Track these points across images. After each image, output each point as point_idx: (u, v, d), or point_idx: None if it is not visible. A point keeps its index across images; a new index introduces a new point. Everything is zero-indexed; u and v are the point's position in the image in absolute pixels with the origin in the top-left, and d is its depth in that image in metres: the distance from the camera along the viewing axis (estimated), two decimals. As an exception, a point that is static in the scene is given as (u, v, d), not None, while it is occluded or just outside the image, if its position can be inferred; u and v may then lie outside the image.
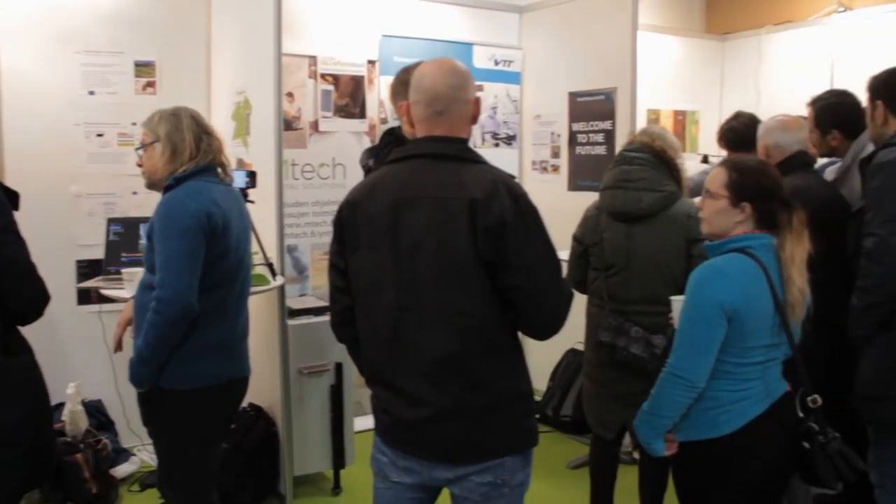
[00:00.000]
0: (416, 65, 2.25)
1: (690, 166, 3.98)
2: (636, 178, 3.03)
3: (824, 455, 2.26)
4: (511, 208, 1.92)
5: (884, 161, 2.70)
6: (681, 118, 6.29)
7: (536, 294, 1.97)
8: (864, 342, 2.72)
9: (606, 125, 4.74)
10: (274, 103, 3.61)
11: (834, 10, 5.91)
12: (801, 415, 2.33)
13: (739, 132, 4.01)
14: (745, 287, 2.20)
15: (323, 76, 4.65)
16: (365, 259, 2.07)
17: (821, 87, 3.61)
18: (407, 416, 2.04)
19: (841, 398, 2.77)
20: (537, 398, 5.10)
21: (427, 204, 1.97)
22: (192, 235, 2.51)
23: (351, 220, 2.09)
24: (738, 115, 4.25)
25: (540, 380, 5.19)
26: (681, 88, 6.33)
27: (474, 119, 2.11)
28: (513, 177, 2.05)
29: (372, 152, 3.17)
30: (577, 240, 3.28)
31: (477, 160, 2.04)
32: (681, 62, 6.40)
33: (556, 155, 5.20)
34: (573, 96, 5.00)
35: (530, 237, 1.96)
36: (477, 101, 2.11)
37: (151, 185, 2.76)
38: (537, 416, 4.92)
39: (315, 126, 4.65)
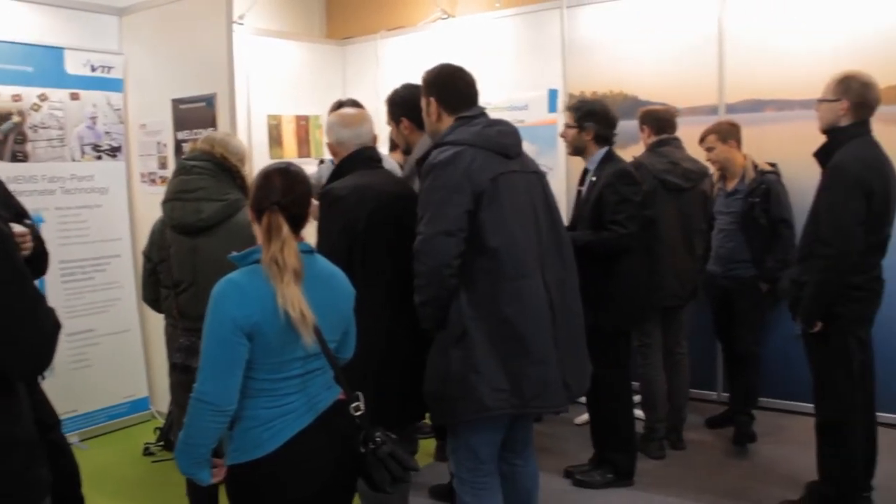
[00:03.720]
0: None
1: (309, 171, 3.89)
2: (195, 188, 2.88)
3: (375, 459, 2.23)
4: None
5: (434, 162, 2.68)
6: (303, 123, 6.26)
7: (7, 333, 1.74)
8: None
9: (209, 132, 4.51)
10: None
11: (439, 18, 6.23)
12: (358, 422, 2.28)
13: None
14: (263, 301, 2.05)
15: None
16: None
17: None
18: None
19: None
20: (160, 424, 4.82)
21: None
22: None
23: None
24: (341, 104, 4.29)
25: (163, 403, 4.92)
26: (303, 93, 6.30)
27: None
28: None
29: None
30: (147, 257, 3.07)
31: None
32: (303, 67, 6.39)
33: (164, 166, 4.88)
34: (176, 103, 4.74)
35: None
36: None
37: None
38: (161, 443, 4.65)
39: None
